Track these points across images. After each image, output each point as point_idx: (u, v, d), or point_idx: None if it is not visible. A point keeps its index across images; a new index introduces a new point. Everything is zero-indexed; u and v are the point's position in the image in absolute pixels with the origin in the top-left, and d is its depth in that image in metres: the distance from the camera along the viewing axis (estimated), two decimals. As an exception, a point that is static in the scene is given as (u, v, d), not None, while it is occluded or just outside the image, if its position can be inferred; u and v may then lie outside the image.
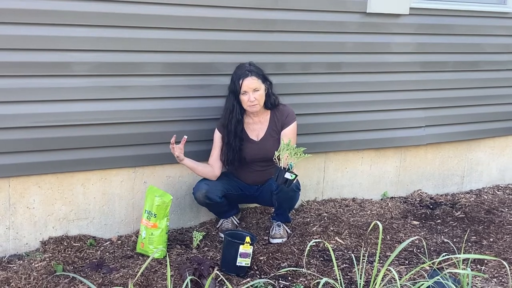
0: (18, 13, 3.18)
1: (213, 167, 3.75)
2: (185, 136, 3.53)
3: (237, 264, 3.29)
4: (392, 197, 4.72)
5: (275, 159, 3.43)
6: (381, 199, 4.68)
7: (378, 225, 2.90)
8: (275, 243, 3.75)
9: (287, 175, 3.36)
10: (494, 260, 3.55)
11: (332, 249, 3.57)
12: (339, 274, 2.94)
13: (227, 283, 2.66)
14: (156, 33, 3.55)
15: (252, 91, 3.59)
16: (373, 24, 4.24)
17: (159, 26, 3.55)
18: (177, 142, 3.54)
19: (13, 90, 3.26)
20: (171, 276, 3.14)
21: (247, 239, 3.31)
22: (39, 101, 3.33)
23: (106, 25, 3.41)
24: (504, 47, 4.87)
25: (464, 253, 3.65)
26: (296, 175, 3.41)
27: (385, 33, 4.33)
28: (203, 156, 3.78)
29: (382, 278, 2.74)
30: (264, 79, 3.65)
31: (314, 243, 3.71)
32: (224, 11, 3.72)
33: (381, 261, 3.52)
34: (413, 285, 2.78)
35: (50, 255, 3.42)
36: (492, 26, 4.77)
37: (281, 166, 3.39)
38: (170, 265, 2.97)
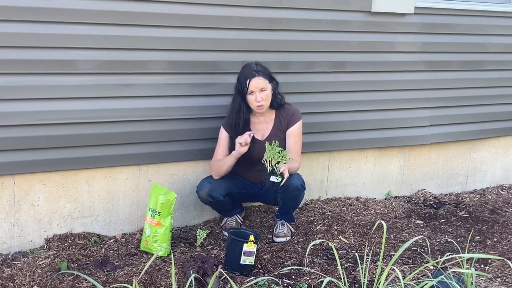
0: (21, 11, 3.18)
1: None
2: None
3: (241, 262, 3.30)
4: (396, 197, 4.72)
5: (263, 161, 3.44)
6: (385, 198, 4.67)
7: (382, 224, 2.90)
8: (279, 242, 3.75)
9: (273, 178, 3.40)
10: (498, 260, 3.55)
11: (336, 248, 3.57)
12: (342, 273, 2.94)
13: (231, 281, 2.66)
14: (160, 31, 3.55)
15: (259, 91, 3.59)
16: (378, 23, 4.23)
17: (163, 25, 3.55)
18: None
19: (17, 88, 3.26)
20: (175, 274, 3.14)
21: (251, 237, 3.32)
22: (43, 99, 3.34)
23: (111, 23, 3.41)
24: (509, 46, 4.85)
25: (468, 252, 3.64)
26: (282, 178, 3.42)
27: (390, 32, 4.31)
28: (207, 154, 3.78)
29: (386, 277, 2.74)
30: (271, 79, 3.65)
31: (318, 242, 3.71)
32: (229, 9, 3.72)
33: (385, 260, 3.52)
34: (417, 285, 2.77)
35: (55, 252, 3.43)
36: (497, 26, 4.76)
37: (267, 169, 3.41)
38: (174, 263, 2.97)
